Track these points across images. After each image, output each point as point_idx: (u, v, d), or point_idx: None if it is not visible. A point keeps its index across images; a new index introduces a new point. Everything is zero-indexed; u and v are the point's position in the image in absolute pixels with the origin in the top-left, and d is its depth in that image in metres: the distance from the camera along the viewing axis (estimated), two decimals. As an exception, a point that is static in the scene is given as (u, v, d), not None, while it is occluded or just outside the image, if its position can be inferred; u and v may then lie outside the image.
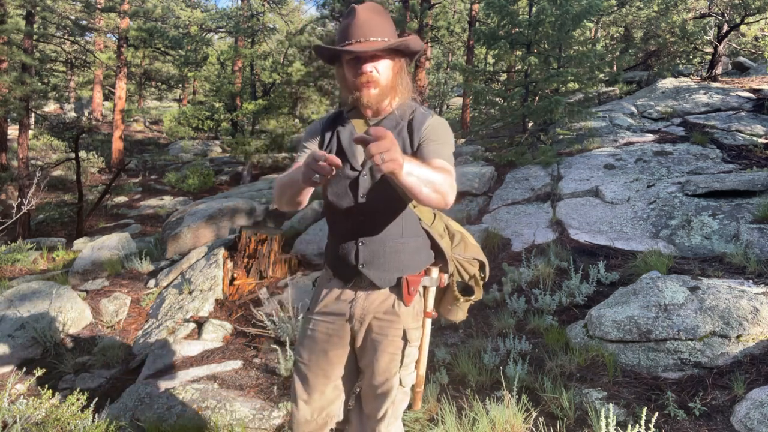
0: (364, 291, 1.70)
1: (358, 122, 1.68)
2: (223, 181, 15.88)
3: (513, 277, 4.47)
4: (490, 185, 7.10)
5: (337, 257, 1.73)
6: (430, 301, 1.74)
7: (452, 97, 27.55)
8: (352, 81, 1.59)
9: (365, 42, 1.53)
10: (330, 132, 1.73)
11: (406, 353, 1.71)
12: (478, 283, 1.82)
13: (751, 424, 2.41)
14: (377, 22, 1.56)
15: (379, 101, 1.62)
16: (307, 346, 1.77)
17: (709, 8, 11.31)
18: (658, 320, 3.12)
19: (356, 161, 1.65)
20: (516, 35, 8.73)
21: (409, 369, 1.74)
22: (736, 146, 7.16)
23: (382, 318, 1.70)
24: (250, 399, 3.11)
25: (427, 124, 1.64)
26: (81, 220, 10.54)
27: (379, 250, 1.66)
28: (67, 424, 2.41)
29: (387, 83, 1.59)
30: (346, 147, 1.67)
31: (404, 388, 1.74)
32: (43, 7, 12.38)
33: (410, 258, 1.69)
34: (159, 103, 31.71)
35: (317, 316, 1.77)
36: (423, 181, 1.36)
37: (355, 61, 1.56)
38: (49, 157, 17.40)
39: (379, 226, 1.65)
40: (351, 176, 1.64)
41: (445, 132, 1.66)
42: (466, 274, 1.80)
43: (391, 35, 1.57)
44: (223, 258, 5.19)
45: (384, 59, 1.57)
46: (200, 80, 17.52)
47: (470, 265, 1.80)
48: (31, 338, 4.17)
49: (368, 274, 1.67)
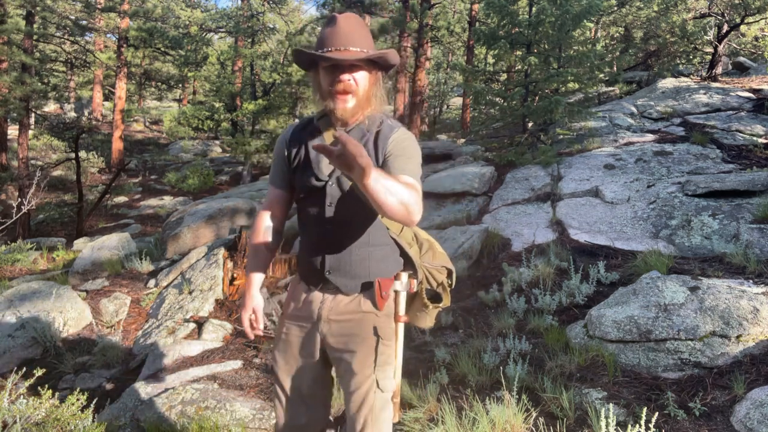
0: (331, 294, 1.71)
1: (329, 133, 1.68)
2: (223, 181, 15.88)
3: (513, 277, 4.47)
4: (490, 185, 7.10)
5: (305, 263, 1.75)
6: (401, 306, 1.72)
7: (452, 97, 27.55)
8: (328, 89, 1.58)
9: (345, 51, 1.53)
10: (299, 142, 1.73)
11: (380, 351, 1.67)
12: (446, 290, 1.83)
13: (751, 424, 2.41)
14: (358, 33, 1.57)
15: (354, 113, 1.62)
16: (282, 350, 1.79)
17: (709, 8, 11.31)
18: (658, 320, 3.12)
19: (321, 172, 1.65)
20: (516, 35, 8.73)
21: (386, 372, 1.68)
22: (736, 146, 7.16)
23: (350, 318, 1.69)
24: (250, 399, 3.11)
25: (393, 138, 1.62)
26: (81, 220, 10.54)
27: (345, 258, 1.67)
28: (67, 424, 2.41)
29: (363, 94, 1.60)
30: (313, 157, 1.67)
31: (383, 393, 1.67)
32: (43, 7, 12.38)
33: (377, 265, 1.69)
34: (159, 103, 31.72)
35: (288, 320, 1.79)
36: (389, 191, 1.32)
37: (332, 69, 1.56)
38: (49, 157, 17.41)
39: (346, 234, 1.66)
40: (317, 186, 1.65)
41: (410, 146, 1.63)
42: (434, 281, 1.80)
43: (370, 47, 1.59)
44: (223, 258, 5.19)
45: (362, 70, 1.58)
46: (200, 80, 17.53)
47: (438, 272, 1.80)
48: (31, 338, 4.17)
49: (334, 280, 1.68)
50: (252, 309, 1.82)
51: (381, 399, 1.67)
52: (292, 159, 1.74)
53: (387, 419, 1.69)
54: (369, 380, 1.66)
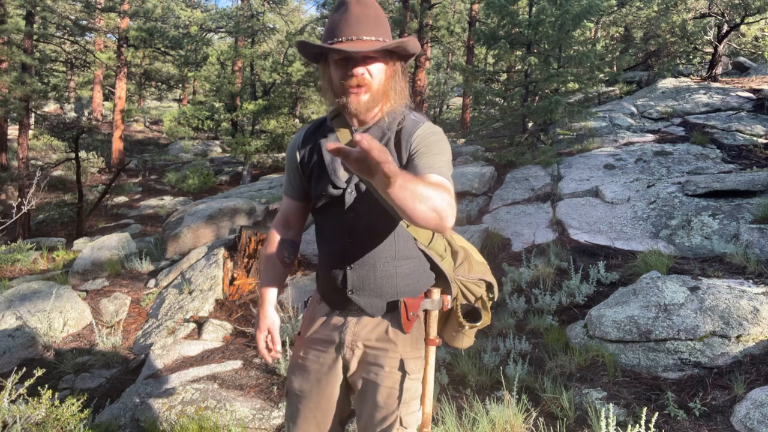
0: (355, 316, 1.53)
1: (343, 132, 1.49)
2: (223, 181, 15.89)
3: (513, 277, 4.47)
4: (490, 185, 7.10)
5: (325, 280, 1.57)
6: (432, 327, 1.53)
7: (452, 97, 27.56)
8: (340, 84, 1.39)
9: (357, 41, 1.34)
10: (312, 146, 1.55)
11: (405, 387, 1.49)
12: (485, 306, 1.63)
13: (751, 424, 2.41)
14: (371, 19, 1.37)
15: (369, 108, 1.42)
16: (299, 375, 1.62)
17: (709, 8, 11.31)
18: (658, 320, 3.12)
19: (338, 179, 1.47)
20: (516, 35, 8.73)
21: (411, 407, 1.51)
22: (736, 146, 7.16)
23: (375, 346, 1.51)
24: (250, 399, 3.11)
25: (417, 134, 1.43)
26: (81, 220, 10.55)
27: (369, 275, 1.48)
28: (67, 424, 2.41)
29: (379, 88, 1.40)
30: (328, 162, 1.49)
31: (406, 430, 1.50)
32: (43, 7, 12.38)
33: (405, 282, 1.50)
34: (159, 103, 31.73)
35: (307, 344, 1.62)
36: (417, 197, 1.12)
37: (344, 62, 1.37)
38: (49, 157, 17.41)
39: (368, 248, 1.48)
40: (335, 194, 1.48)
41: (438, 141, 1.44)
42: (472, 296, 1.60)
43: (386, 35, 1.39)
44: (223, 258, 5.19)
45: (377, 61, 1.38)
46: (200, 80, 17.51)
47: (476, 286, 1.61)
48: (31, 338, 4.17)
49: (358, 300, 1.50)
50: (267, 329, 1.65)
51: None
52: (305, 165, 1.56)
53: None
54: (392, 416, 1.49)
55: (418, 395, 1.53)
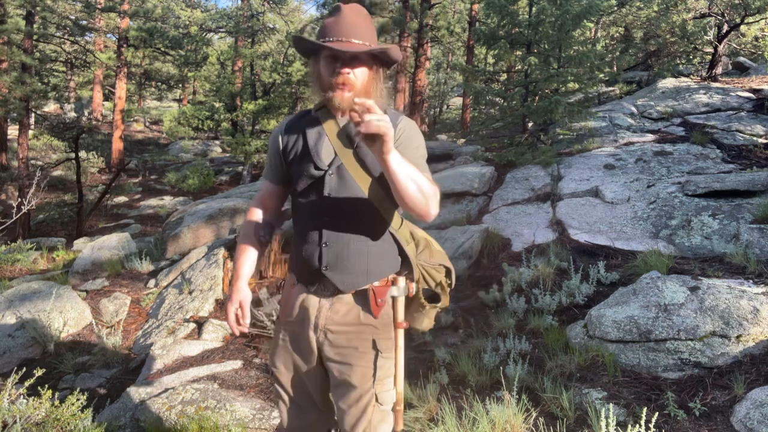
0: (328, 299, 1.64)
1: (328, 122, 1.64)
2: (223, 181, 15.89)
3: (513, 277, 4.47)
4: (490, 185, 7.10)
5: (300, 259, 1.67)
6: (400, 312, 1.67)
7: (452, 97, 27.57)
8: (327, 80, 1.56)
9: (347, 42, 1.51)
10: (296, 132, 1.69)
11: (379, 365, 1.62)
12: (444, 290, 1.78)
13: (751, 424, 2.41)
14: (362, 26, 1.54)
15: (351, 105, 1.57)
16: (281, 356, 1.73)
17: (709, 8, 11.31)
18: (658, 320, 3.12)
19: (321, 161, 1.61)
20: (516, 35, 8.73)
21: (386, 385, 1.64)
22: (736, 146, 7.16)
23: (348, 330, 1.63)
24: (250, 399, 3.11)
25: (400, 127, 1.60)
26: (81, 220, 10.55)
27: (343, 252, 1.60)
28: (67, 424, 2.41)
29: (361, 88, 1.56)
30: (311, 147, 1.63)
31: (382, 406, 1.63)
32: (43, 7, 12.38)
33: (375, 262, 1.63)
34: (159, 103, 31.72)
35: (285, 325, 1.73)
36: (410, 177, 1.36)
37: (332, 60, 1.53)
38: (49, 157, 17.41)
39: (344, 227, 1.60)
40: (316, 175, 1.61)
41: (418, 137, 1.63)
42: (432, 281, 1.74)
43: (373, 41, 1.56)
44: (223, 258, 5.19)
45: (362, 65, 1.55)
46: (200, 80, 17.51)
47: (436, 271, 1.75)
48: (31, 338, 4.17)
49: (332, 277, 1.61)
50: (239, 302, 1.71)
51: (380, 412, 1.64)
52: (288, 151, 1.69)
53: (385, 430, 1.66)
54: (368, 394, 1.61)
55: (391, 374, 1.66)
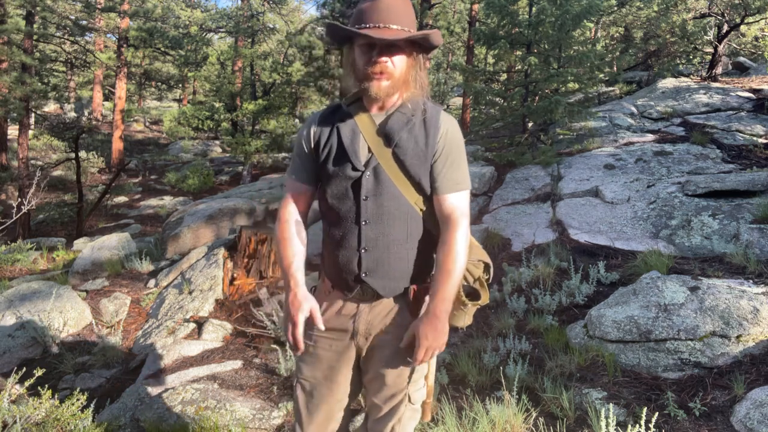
0: (368, 303, 1.59)
1: (361, 117, 1.55)
2: (223, 181, 15.89)
3: (513, 277, 4.47)
4: (490, 185, 7.10)
5: (336, 266, 1.59)
6: None
7: (452, 97, 27.54)
8: (363, 69, 1.45)
9: (384, 28, 1.40)
10: (329, 129, 1.57)
11: (416, 368, 1.60)
12: (483, 286, 1.70)
13: (751, 424, 2.41)
14: (401, 9, 1.43)
15: (389, 94, 1.49)
16: (311, 364, 1.65)
17: (709, 8, 11.31)
18: (658, 320, 3.12)
19: (359, 161, 1.51)
20: (516, 35, 8.73)
21: (418, 384, 1.64)
22: (736, 146, 7.16)
23: (388, 331, 1.59)
24: (250, 399, 3.11)
25: (443, 131, 1.52)
26: (81, 220, 10.55)
27: (383, 257, 1.54)
28: (67, 424, 2.41)
29: (400, 77, 1.47)
30: (347, 145, 1.53)
31: (413, 405, 1.63)
32: (43, 7, 12.38)
33: (416, 265, 1.59)
34: (159, 103, 31.72)
35: (318, 332, 1.63)
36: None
37: (369, 48, 1.43)
38: (49, 157, 17.41)
39: (382, 230, 1.53)
40: (353, 177, 1.52)
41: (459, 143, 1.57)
42: (471, 277, 1.68)
43: (412, 25, 1.45)
44: (223, 258, 5.19)
45: (401, 51, 1.45)
46: (200, 80, 17.52)
47: (475, 267, 1.68)
48: (31, 338, 4.17)
49: (372, 283, 1.54)
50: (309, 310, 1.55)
51: (410, 410, 1.63)
52: (321, 149, 1.57)
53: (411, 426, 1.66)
54: (402, 393, 1.60)
55: (424, 373, 1.65)
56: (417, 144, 1.51)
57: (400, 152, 1.51)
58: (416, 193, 1.54)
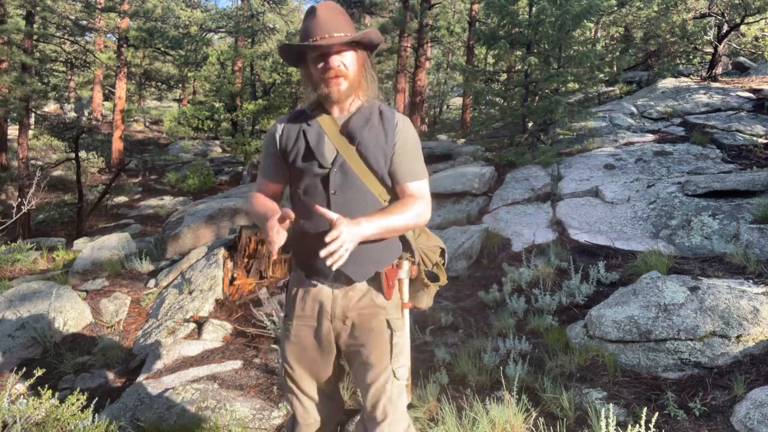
0: (341, 289, 1.71)
1: (324, 119, 1.70)
2: (223, 181, 15.89)
3: (513, 277, 4.47)
4: (490, 185, 7.09)
5: (309, 257, 1.70)
6: (405, 293, 1.80)
7: (452, 97, 27.57)
8: (319, 77, 1.62)
9: (329, 38, 1.57)
10: (296, 131, 1.72)
11: (394, 342, 1.73)
12: (441, 269, 1.91)
13: (751, 424, 2.41)
14: (338, 19, 1.60)
15: (348, 95, 1.65)
16: (294, 353, 1.77)
17: (709, 8, 11.31)
18: (658, 320, 3.12)
19: (325, 159, 1.66)
20: (516, 35, 8.73)
21: (400, 361, 1.75)
22: (736, 146, 7.16)
23: (364, 313, 1.71)
24: (250, 399, 3.11)
25: (399, 128, 1.69)
26: (81, 220, 10.55)
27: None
28: (67, 424, 2.41)
29: (354, 77, 1.63)
30: (314, 145, 1.67)
31: (399, 381, 1.75)
32: (43, 7, 12.38)
33: (383, 251, 1.72)
34: (159, 103, 31.71)
35: (297, 321, 1.76)
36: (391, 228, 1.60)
37: (321, 57, 1.60)
38: (49, 157, 17.41)
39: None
40: (321, 174, 1.67)
41: (414, 138, 1.73)
42: (430, 262, 1.88)
43: (352, 30, 1.62)
44: (223, 258, 5.19)
45: (348, 52, 1.62)
46: (200, 80, 17.51)
47: (432, 252, 1.88)
48: (31, 338, 4.17)
49: (344, 269, 1.64)
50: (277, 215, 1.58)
51: (397, 387, 1.75)
52: (288, 151, 1.72)
53: (403, 404, 1.78)
54: (386, 372, 1.71)
55: (404, 351, 1.78)
56: (377, 141, 1.67)
57: (363, 149, 1.66)
58: (380, 185, 1.70)
